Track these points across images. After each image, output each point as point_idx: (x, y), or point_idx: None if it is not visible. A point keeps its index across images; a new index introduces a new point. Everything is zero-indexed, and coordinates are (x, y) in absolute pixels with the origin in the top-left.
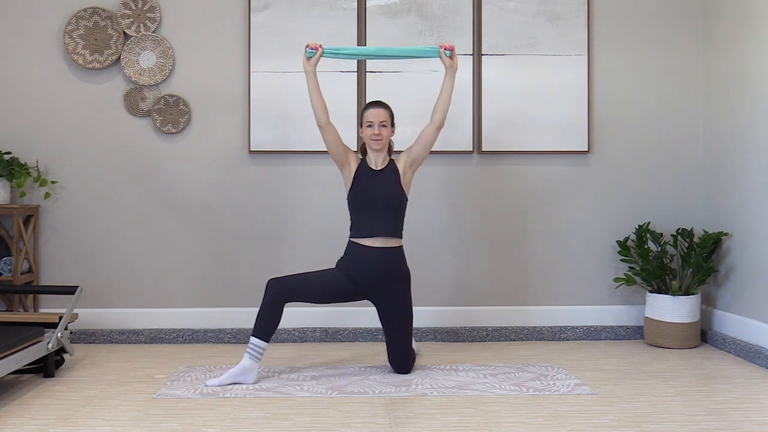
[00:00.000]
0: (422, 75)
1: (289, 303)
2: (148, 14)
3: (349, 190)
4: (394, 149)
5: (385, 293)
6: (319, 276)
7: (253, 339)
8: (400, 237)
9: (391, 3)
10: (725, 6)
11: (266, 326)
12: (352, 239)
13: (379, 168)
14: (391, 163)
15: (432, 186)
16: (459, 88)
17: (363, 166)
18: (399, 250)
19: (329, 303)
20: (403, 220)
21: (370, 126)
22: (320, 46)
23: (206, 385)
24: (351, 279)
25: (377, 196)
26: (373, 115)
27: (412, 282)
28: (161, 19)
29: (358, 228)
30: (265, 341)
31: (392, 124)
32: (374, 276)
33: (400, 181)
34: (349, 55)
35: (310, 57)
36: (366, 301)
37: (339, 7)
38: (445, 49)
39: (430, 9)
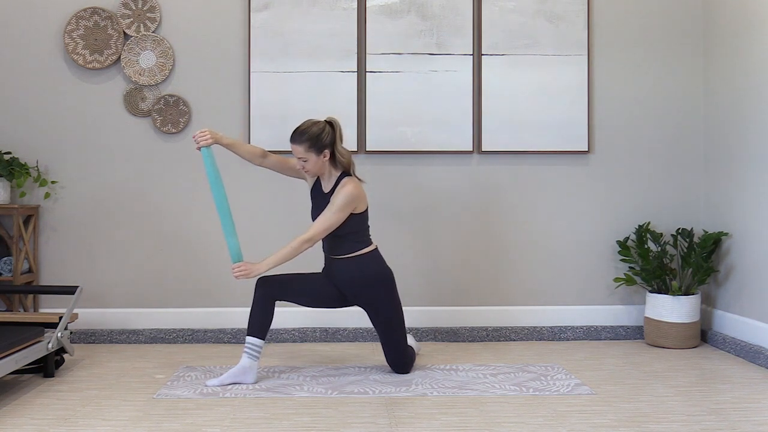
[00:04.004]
0: (423, 75)
1: (286, 303)
2: (148, 14)
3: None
4: (363, 151)
5: (364, 298)
6: (308, 279)
7: (249, 338)
8: (356, 250)
9: (391, 3)
10: (725, 6)
11: (260, 324)
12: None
13: (326, 191)
14: (336, 185)
15: (432, 186)
16: (459, 87)
17: (317, 184)
18: (362, 256)
19: (317, 307)
20: (350, 237)
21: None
22: (204, 141)
23: (206, 386)
24: (334, 285)
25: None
26: (292, 148)
27: (413, 282)
28: (161, 19)
29: (322, 245)
30: (261, 339)
31: (318, 152)
32: (347, 282)
33: None
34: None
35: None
36: None
37: (339, 7)
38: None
39: (430, 9)
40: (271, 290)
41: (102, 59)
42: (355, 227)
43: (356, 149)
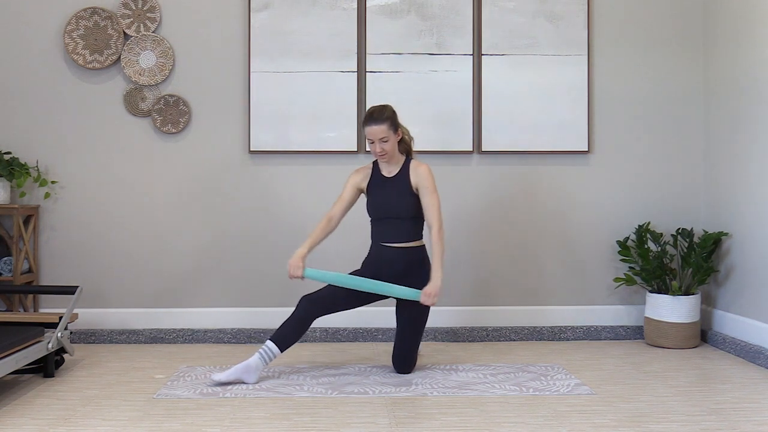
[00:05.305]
0: (423, 74)
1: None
2: (148, 14)
3: (367, 202)
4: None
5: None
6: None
7: (269, 343)
8: (420, 238)
9: (391, 3)
10: (725, 6)
11: (288, 337)
12: (372, 241)
13: (391, 175)
14: (405, 168)
15: None
16: (459, 87)
17: (375, 173)
18: (419, 249)
19: (363, 305)
20: (420, 223)
21: (372, 143)
22: (300, 272)
23: (211, 378)
24: (376, 277)
25: (389, 206)
26: (371, 133)
27: None
28: (161, 19)
29: (375, 235)
30: (280, 350)
31: (395, 131)
32: (395, 272)
33: (411, 190)
34: (332, 280)
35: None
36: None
37: (339, 7)
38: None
39: (430, 9)
40: (317, 309)
41: (102, 59)
42: (421, 214)
43: (356, 149)
